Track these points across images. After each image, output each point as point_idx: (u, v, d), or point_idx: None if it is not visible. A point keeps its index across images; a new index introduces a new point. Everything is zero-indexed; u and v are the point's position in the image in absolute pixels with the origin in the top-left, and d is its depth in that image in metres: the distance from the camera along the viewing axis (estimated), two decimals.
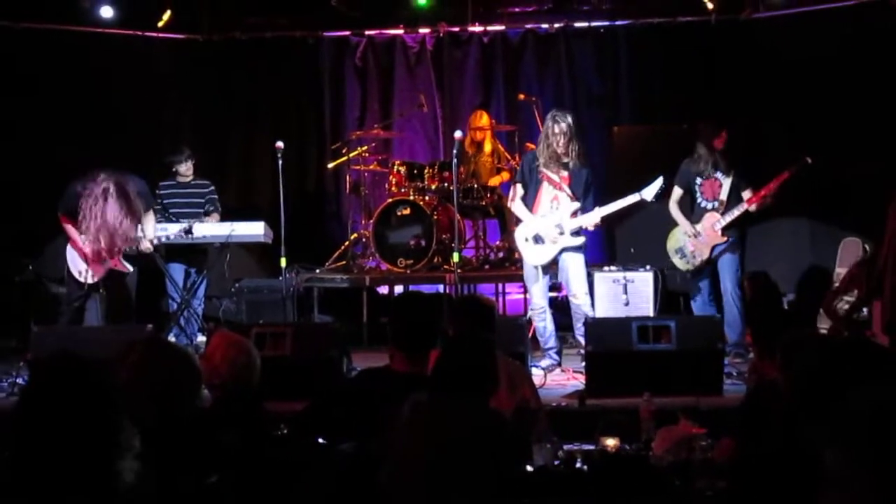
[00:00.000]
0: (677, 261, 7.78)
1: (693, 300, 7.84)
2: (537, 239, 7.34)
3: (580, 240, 7.32)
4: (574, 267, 7.32)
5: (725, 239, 7.58)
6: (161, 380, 3.40)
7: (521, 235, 7.46)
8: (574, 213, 7.30)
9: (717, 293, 7.71)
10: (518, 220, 7.61)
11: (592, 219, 7.28)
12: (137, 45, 10.31)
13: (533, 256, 7.39)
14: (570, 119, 7.32)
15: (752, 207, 7.49)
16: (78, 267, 7.75)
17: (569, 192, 7.32)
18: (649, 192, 7.25)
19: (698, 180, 7.67)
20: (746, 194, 7.55)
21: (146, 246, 7.90)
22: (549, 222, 7.31)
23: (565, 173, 7.34)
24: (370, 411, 3.87)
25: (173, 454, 3.15)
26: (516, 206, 7.52)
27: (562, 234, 7.28)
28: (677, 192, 7.77)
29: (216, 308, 9.04)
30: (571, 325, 7.51)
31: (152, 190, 8.57)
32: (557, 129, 7.25)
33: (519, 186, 7.53)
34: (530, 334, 7.06)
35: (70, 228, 7.75)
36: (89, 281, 7.72)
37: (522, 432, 4.10)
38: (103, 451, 2.43)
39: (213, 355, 4.12)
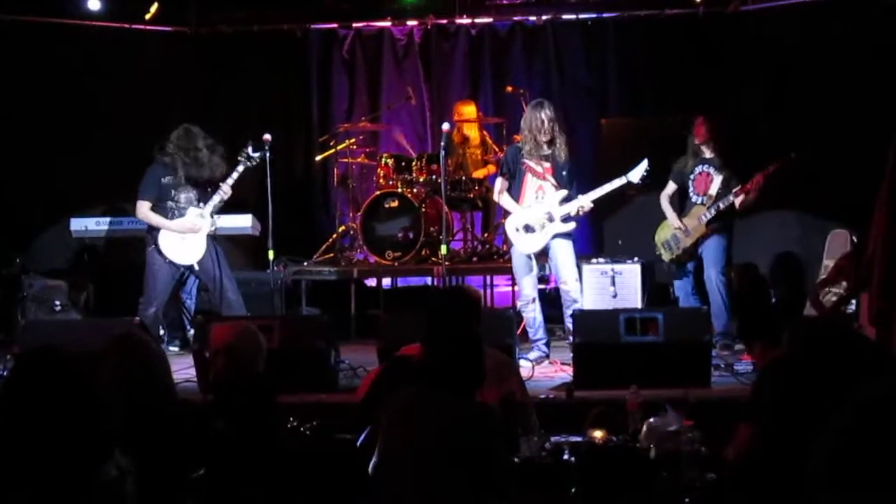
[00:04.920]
0: (664, 252, 7.81)
1: (676, 292, 7.86)
2: (528, 228, 7.33)
3: (570, 225, 7.32)
4: (563, 254, 7.32)
5: (710, 231, 7.59)
6: (131, 377, 3.39)
7: (511, 226, 7.44)
8: (562, 201, 7.29)
9: (701, 285, 7.72)
10: (507, 213, 7.60)
11: (581, 203, 7.27)
12: (124, 38, 10.28)
13: (525, 245, 7.37)
14: (551, 109, 7.29)
15: (738, 201, 7.49)
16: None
17: (553, 181, 7.32)
18: (635, 175, 7.32)
19: (692, 176, 7.69)
20: (735, 188, 7.55)
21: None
22: (538, 211, 7.31)
23: (548, 164, 7.34)
24: None
25: (154, 448, 3.14)
26: (503, 198, 7.50)
27: (551, 220, 7.28)
28: (671, 187, 7.84)
29: (204, 301, 9.00)
30: (560, 317, 7.51)
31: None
32: (544, 115, 7.22)
33: (503, 179, 7.52)
34: (520, 329, 7.05)
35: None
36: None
37: (509, 424, 4.11)
38: (83, 445, 2.42)
39: (214, 345, 4.12)
